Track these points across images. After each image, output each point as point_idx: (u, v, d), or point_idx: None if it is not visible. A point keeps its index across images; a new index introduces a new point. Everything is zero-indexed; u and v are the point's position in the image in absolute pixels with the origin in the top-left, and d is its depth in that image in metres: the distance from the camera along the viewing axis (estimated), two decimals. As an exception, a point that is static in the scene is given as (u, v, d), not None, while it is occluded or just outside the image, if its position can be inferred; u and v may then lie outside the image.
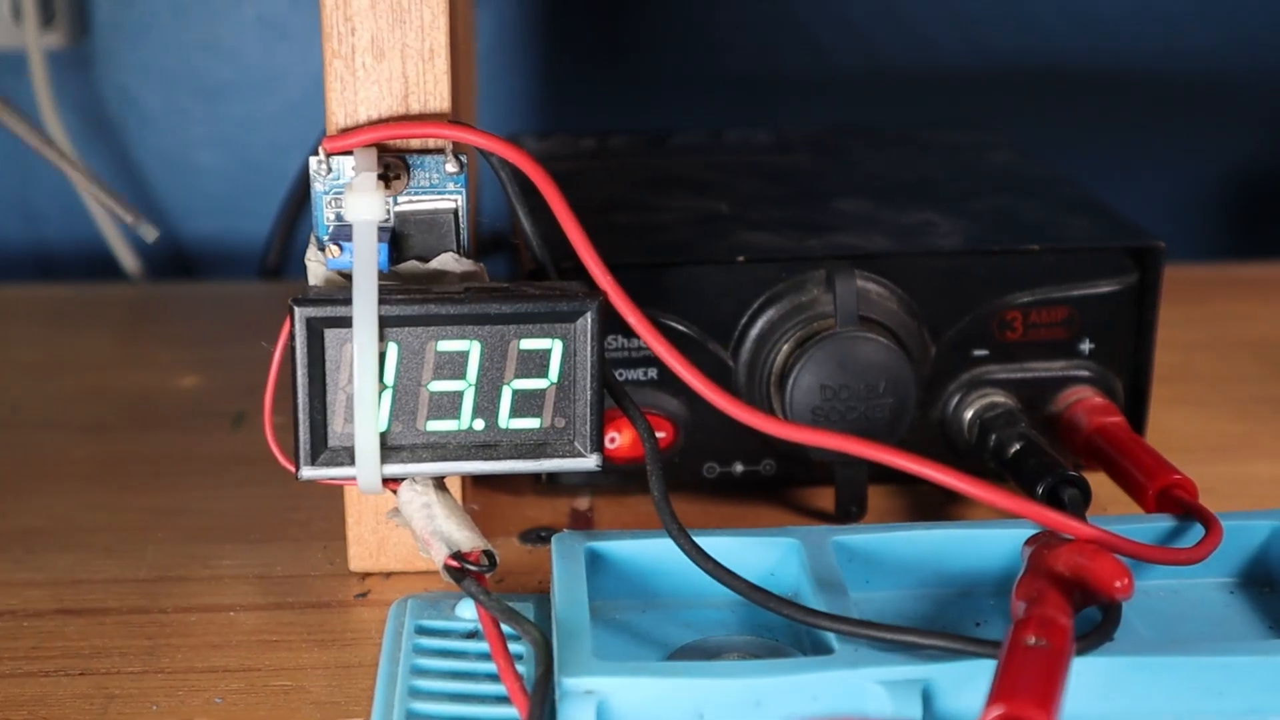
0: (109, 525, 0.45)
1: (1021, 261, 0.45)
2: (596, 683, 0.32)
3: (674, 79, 0.75)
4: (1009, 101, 0.75)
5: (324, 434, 0.36)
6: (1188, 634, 0.37)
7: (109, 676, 0.37)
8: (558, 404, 0.37)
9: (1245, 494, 0.47)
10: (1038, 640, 0.30)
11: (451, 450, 0.37)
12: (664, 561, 0.38)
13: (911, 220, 0.47)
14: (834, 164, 0.56)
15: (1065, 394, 0.45)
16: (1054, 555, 0.34)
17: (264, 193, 0.72)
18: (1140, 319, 0.45)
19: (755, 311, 0.44)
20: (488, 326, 0.36)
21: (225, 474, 0.49)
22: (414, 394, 0.36)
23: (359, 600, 0.41)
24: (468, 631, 0.38)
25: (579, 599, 0.35)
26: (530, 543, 0.44)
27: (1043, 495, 0.41)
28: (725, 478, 0.46)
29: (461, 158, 0.38)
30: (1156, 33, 0.75)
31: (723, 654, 0.36)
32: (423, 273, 0.38)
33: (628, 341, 0.44)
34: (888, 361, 0.42)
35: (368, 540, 0.42)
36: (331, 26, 0.37)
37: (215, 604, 0.41)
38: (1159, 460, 0.41)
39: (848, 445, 0.36)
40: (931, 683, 0.33)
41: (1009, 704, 0.28)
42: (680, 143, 0.59)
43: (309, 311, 0.35)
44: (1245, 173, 0.77)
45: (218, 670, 0.38)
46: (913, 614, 0.38)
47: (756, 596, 0.35)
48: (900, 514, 0.46)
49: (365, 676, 0.37)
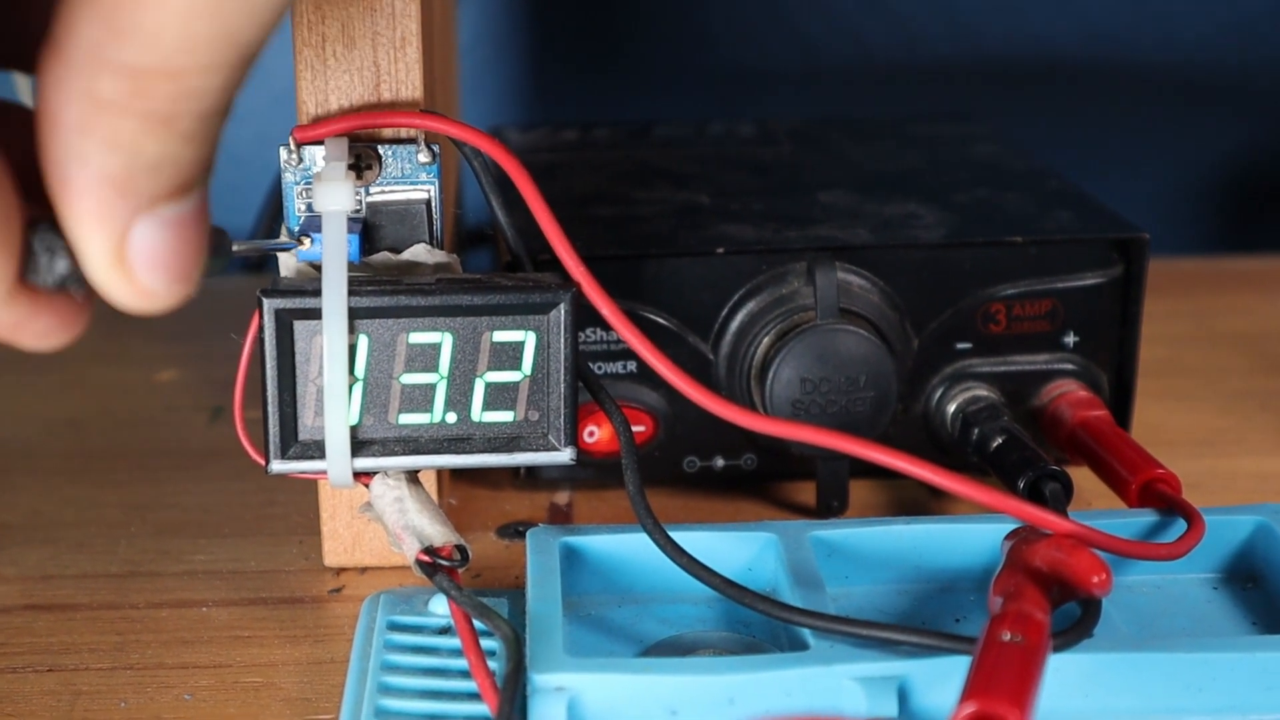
0: (82, 520, 0.45)
1: (1005, 254, 0.44)
2: (567, 679, 0.32)
3: (662, 72, 0.75)
4: (998, 94, 0.75)
5: (294, 427, 0.35)
6: (1169, 630, 0.37)
7: (77, 673, 0.37)
8: (531, 397, 0.36)
9: (1231, 489, 0.47)
10: (1013, 636, 0.30)
11: (424, 444, 0.36)
12: (640, 556, 0.37)
13: (894, 212, 0.47)
14: (817, 156, 0.55)
15: (1049, 388, 0.45)
16: (1032, 550, 0.33)
17: (248, 185, 0.71)
18: (1125, 312, 0.45)
19: (735, 304, 0.44)
20: (460, 318, 0.36)
21: (201, 468, 0.48)
22: (385, 387, 0.36)
23: (333, 596, 0.41)
24: (440, 627, 0.37)
25: (552, 594, 0.35)
26: (508, 538, 0.44)
27: (1024, 490, 0.40)
28: (706, 472, 0.45)
29: (434, 147, 0.37)
30: (1146, 25, 0.74)
31: (698, 650, 0.36)
32: (395, 264, 0.37)
33: (606, 334, 0.44)
34: (869, 354, 0.42)
35: (342, 535, 0.41)
36: (301, 14, 0.37)
37: (187, 599, 0.40)
38: (1142, 455, 0.41)
39: (826, 439, 0.35)
40: (907, 679, 0.32)
41: (982, 701, 0.28)
42: (663, 135, 0.59)
43: (278, 303, 0.35)
44: (1234, 166, 0.77)
45: (188, 666, 0.37)
46: (892, 610, 0.38)
47: (731, 592, 0.35)
48: (883, 508, 0.45)
49: (337, 673, 0.37)
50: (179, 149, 0.25)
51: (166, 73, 0.24)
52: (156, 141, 0.25)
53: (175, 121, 0.25)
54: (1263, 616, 0.37)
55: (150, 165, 0.25)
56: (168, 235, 0.26)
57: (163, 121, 0.25)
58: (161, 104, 0.24)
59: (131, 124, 0.25)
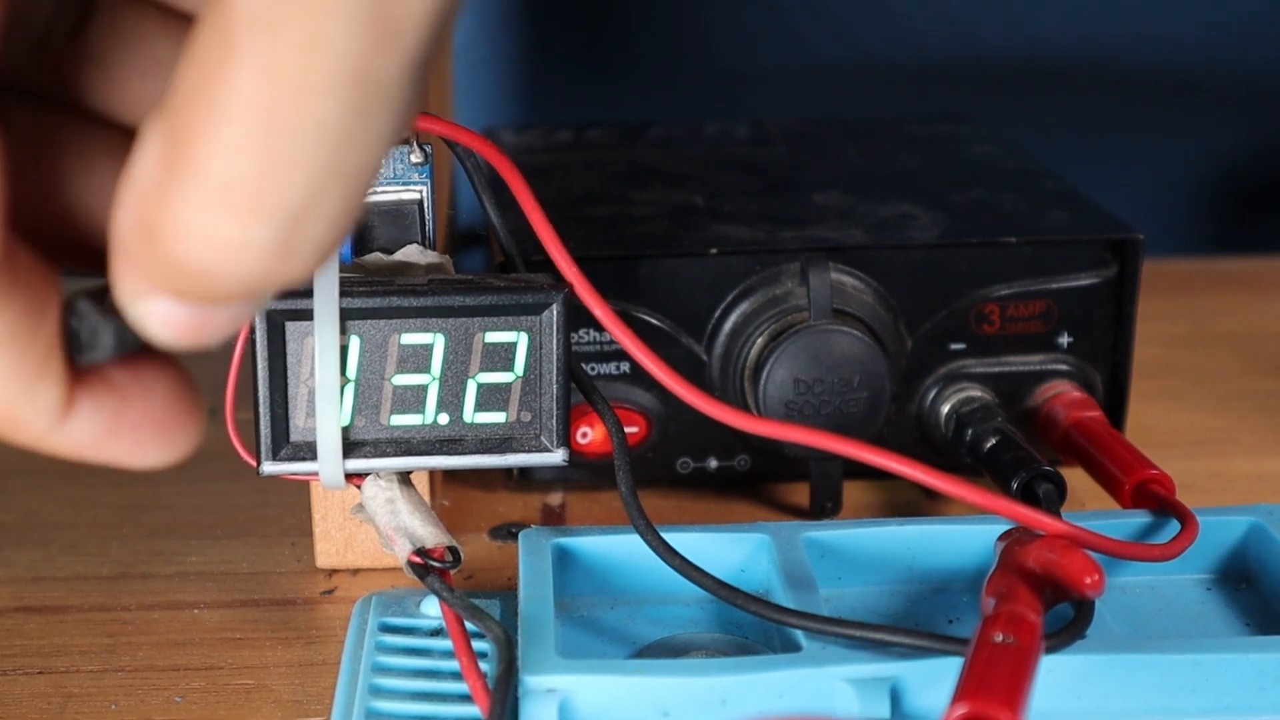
0: (74, 521, 0.45)
1: (999, 254, 0.44)
2: (559, 681, 0.32)
3: (656, 72, 0.75)
4: (993, 94, 0.75)
5: (285, 429, 0.35)
6: (1162, 630, 0.37)
7: (68, 675, 0.37)
8: (523, 398, 0.36)
9: (1225, 489, 0.47)
10: (1005, 637, 0.30)
11: (415, 445, 0.36)
12: (633, 557, 0.37)
13: (888, 213, 0.47)
14: (812, 156, 0.55)
15: (1043, 388, 0.45)
16: (1025, 551, 0.33)
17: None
18: (1119, 312, 0.45)
19: (729, 305, 0.43)
20: (452, 319, 0.35)
21: (195, 469, 0.48)
22: (377, 388, 0.35)
23: (325, 597, 0.40)
24: (432, 629, 0.37)
25: (544, 595, 0.35)
26: (500, 539, 0.44)
27: (1017, 490, 0.40)
28: (699, 473, 0.45)
29: (427, 148, 0.37)
30: (1140, 26, 0.74)
31: (690, 651, 0.36)
32: (387, 265, 0.37)
33: (599, 335, 0.43)
34: (862, 355, 0.42)
35: (334, 537, 0.41)
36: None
37: (179, 601, 0.40)
38: (1136, 455, 0.41)
39: (820, 440, 0.35)
40: (899, 681, 0.32)
41: (973, 702, 0.28)
42: (657, 135, 0.58)
43: (269, 304, 0.35)
44: (1228, 166, 0.77)
45: (179, 668, 0.37)
46: (885, 611, 0.38)
47: (724, 593, 0.34)
48: (876, 509, 0.45)
49: (329, 675, 0.37)
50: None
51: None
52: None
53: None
54: (1256, 617, 0.37)
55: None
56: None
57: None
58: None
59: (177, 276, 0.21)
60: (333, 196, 0.20)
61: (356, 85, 0.19)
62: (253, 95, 0.19)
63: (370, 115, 0.19)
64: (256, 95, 0.19)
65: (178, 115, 0.20)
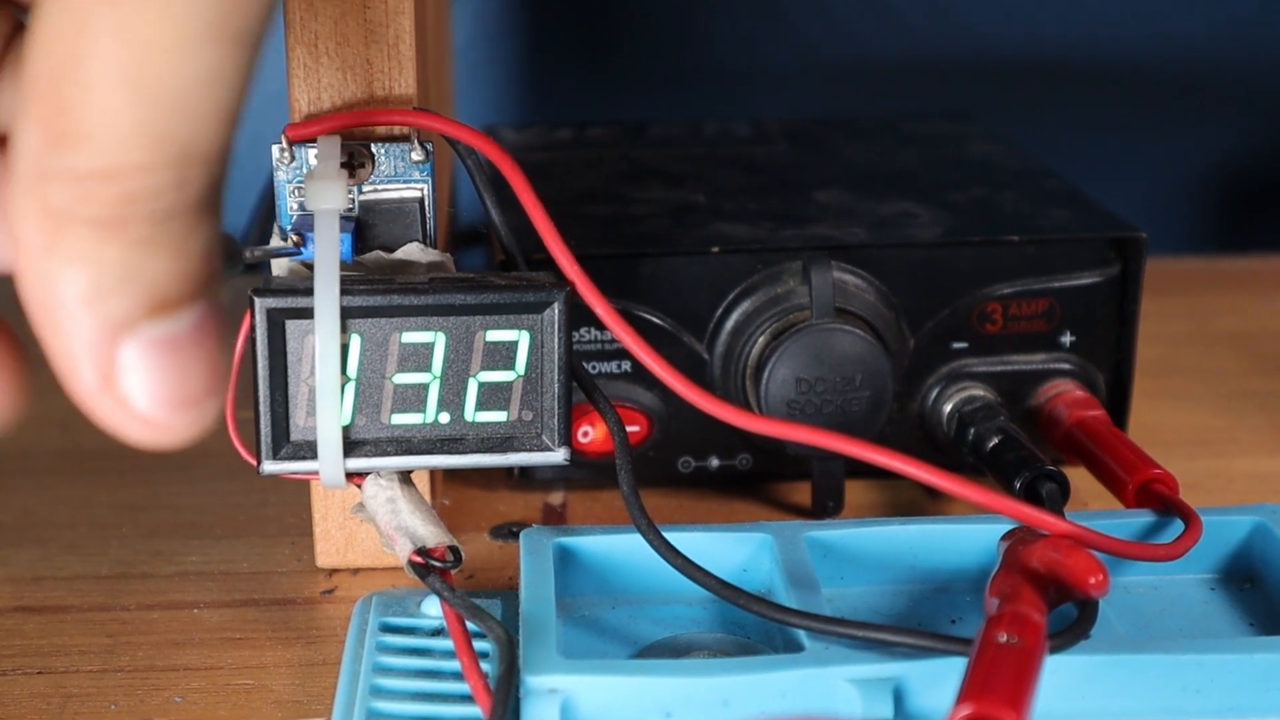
0: (74, 520, 0.44)
1: (1001, 253, 0.44)
2: (560, 681, 0.32)
3: (657, 71, 0.74)
4: (994, 93, 0.75)
5: (285, 428, 0.35)
6: (1166, 630, 0.37)
7: (67, 675, 0.37)
8: (525, 397, 0.36)
9: (1229, 489, 0.47)
10: (1009, 638, 0.30)
11: (416, 444, 0.36)
12: (635, 557, 0.37)
13: (890, 211, 0.47)
14: (813, 155, 0.55)
15: (1045, 387, 0.45)
16: (1029, 551, 0.33)
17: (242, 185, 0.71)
18: (1122, 311, 0.45)
19: (730, 303, 0.43)
20: (453, 318, 0.35)
21: (196, 469, 0.48)
22: (378, 387, 0.35)
23: (325, 597, 0.40)
24: (433, 629, 0.37)
25: (546, 595, 0.35)
26: (501, 538, 0.44)
27: (1020, 490, 0.40)
28: (701, 472, 0.45)
29: (428, 145, 0.37)
30: (1142, 24, 0.74)
31: (692, 651, 0.36)
32: (388, 263, 0.37)
33: (601, 334, 0.43)
34: (864, 354, 0.42)
35: (335, 536, 0.41)
36: (293, 11, 0.37)
37: (178, 601, 0.40)
38: (1139, 455, 0.41)
39: (822, 439, 0.35)
40: (903, 681, 0.32)
41: (978, 703, 0.28)
42: (658, 134, 0.58)
43: (270, 303, 0.34)
44: (1231, 165, 0.77)
45: (179, 668, 0.37)
46: (888, 610, 0.38)
47: (726, 593, 0.34)
48: (879, 509, 0.45)
49: (329, 675, 0.37)
50: (142, 258, 0.24)
51: (104, 174, 0.23)
52: (114, 249, 0.23)
53: (126, 226, 0.23)
54: (1260, 617, 0.37)
55: (116, 279, 0.23)
56: (157, 358, 0.24)
57: (112, 226, 0.23)
58: (106, 208, 0.23)
59: (84, 232, 0.23)
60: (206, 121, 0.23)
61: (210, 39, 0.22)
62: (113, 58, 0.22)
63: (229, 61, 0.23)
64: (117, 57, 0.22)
65: (45, 97, 0.22)
